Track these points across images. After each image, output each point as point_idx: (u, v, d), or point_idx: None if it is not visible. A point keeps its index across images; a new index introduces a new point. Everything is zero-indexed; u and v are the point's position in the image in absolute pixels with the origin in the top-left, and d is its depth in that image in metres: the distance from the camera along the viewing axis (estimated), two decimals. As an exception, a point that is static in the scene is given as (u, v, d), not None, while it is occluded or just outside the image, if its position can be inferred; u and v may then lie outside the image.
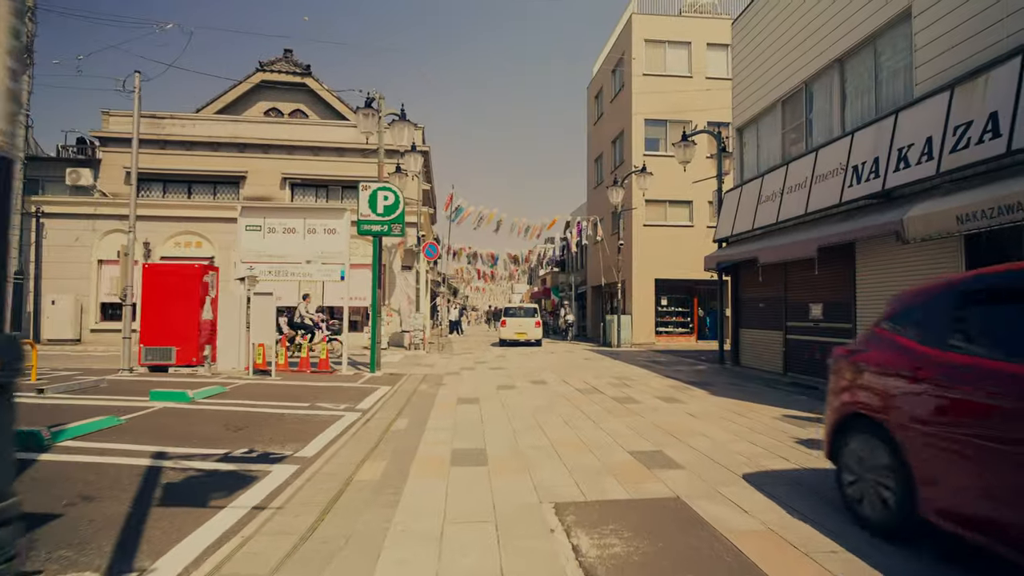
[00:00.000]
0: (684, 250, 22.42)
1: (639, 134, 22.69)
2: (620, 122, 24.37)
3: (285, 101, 21.99)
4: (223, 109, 21.33)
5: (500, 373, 12.14)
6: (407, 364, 13.98)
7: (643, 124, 22.69)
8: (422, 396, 8.85)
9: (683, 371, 12.75)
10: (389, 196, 11.97)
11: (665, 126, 22.85)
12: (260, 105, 21.96)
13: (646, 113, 22.69)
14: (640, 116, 22.67)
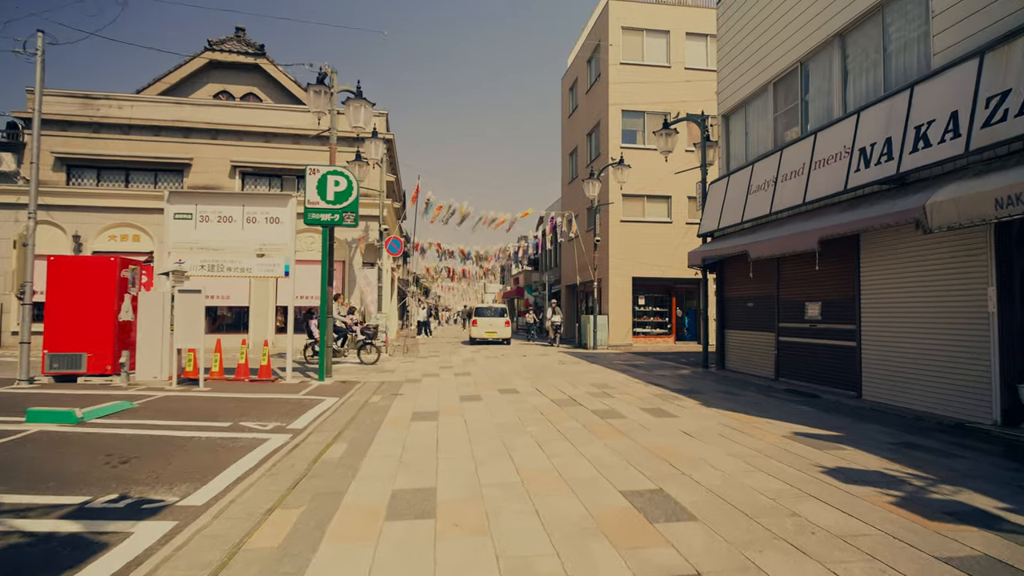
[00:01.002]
0: (663, 247, 21.51)
1: (616, 126, 21.69)
2: (596, 113, 23.35)
3: (237, 84, 20.33)
4: (167, 91, 19.57)
5: (466, 380, 10.90)
6: (364, 370, 12.63)
7: (620, 115, 21.69)
8: (372, 411, 7.56)
9: (667, 376, 11.70)
10: (341, 182, 10.62)
11: (643, 118, 21.89)
12: (209, 88, 20.25)
13: (623, 104, 21.70)
14: (617, 107, 21.67)
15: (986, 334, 6.75)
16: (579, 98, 26.19)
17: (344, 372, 12.12)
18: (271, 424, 6.63)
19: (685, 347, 21.30)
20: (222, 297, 17.53)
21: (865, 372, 8.60)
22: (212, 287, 17.43)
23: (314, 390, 9.39)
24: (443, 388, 9.77)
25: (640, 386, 10.06)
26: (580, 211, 24.56)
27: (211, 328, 18.43)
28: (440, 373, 12.08)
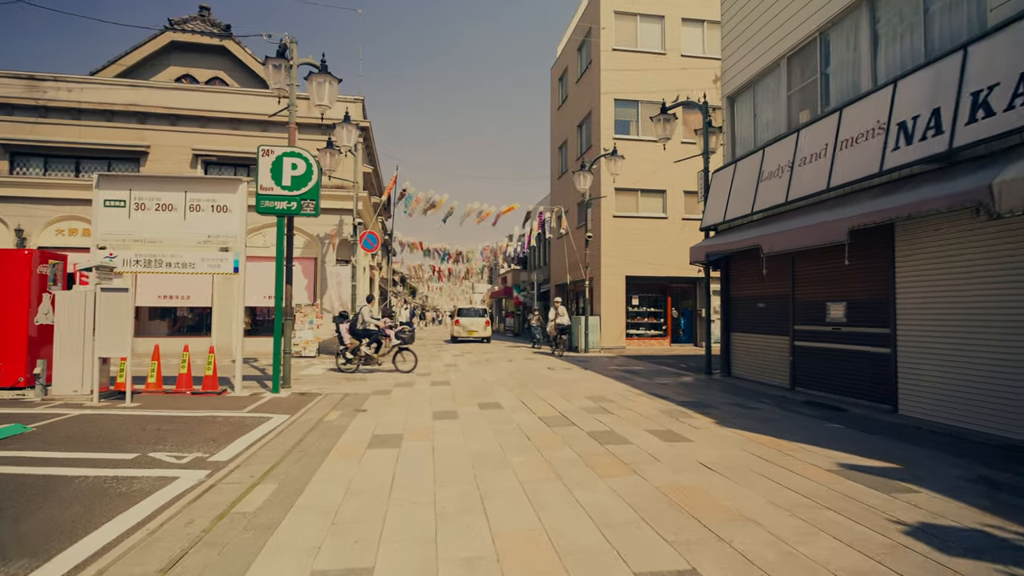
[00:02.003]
0: (657, 244, 20.36)
1: (608, 115, 20.49)
2: (587, 103, 22.15)
3: (201, 67, 18.86)
4: (124, 74, 18.06)
5: (442, 391, 9.62)
6: (330, 379, 11.30)
7: (612, 104, 20.50)
8: (323, 433, 6.26)
9: (669, 386, 10.50)
10: (299, 164, 9.30)
11: (636, 107, 20.72)
12: (171, 71, 18.76)
13: (616, 92, 20.51)
14: (609, 96, 20.47)
15: (1064, 341, 5.60)
16: (569, 88, 24.99)
17: (309, 382, 10.79)
18: (190, 455, 5.31)
19: (681, 350, 20.16)
20: (181, 297, 16.07)
21: (902, 383, 7.43)
22: (170, 286, 16.02)
23: (263, 405, 8.07)
24: (415, 401, 8.48)
25: (641, 398, 8.84)
26: (570, 207, 23.35)
27: (171, 330, 17.00)
28: (415, 382, 10.78)
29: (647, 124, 20.72)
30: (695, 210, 20.86)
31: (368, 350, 12.44)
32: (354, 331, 12.42)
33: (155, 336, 16.58)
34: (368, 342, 12.47)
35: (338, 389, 9.80)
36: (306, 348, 15.32)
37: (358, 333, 12.41)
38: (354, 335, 12.44)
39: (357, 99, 17.65)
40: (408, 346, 12.90)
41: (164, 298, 16.24)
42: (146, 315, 16.84)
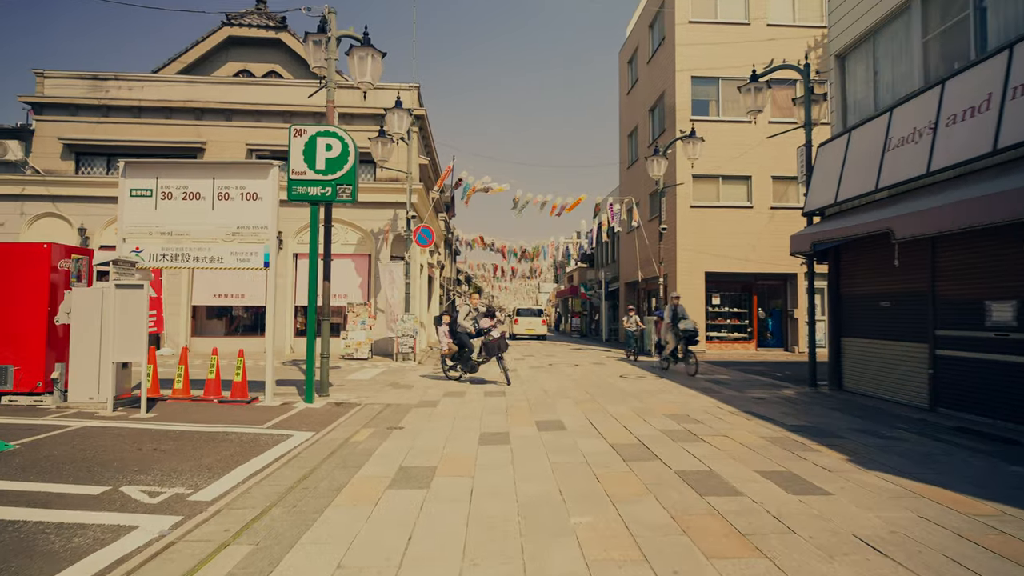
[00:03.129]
0: (741, 236, 18.25)
1: (684, 95, 18.57)
2: (660, 84, 20.28)
3: (258, 61, 18.56)
4: (184, 71, 17.99)
5: (496, 404, 8.30)
6: (376, 385, 10.25)
7: (689, 83, 18.57)
8: (341, 462, 5.07)
9: (767, 401, 8.71)
10: (334, 145, 8.25)
11: (716, 85, 18.68)
12: (229, 67, 18.57)
13: (693, 69, 18.56)
14: (685, 73, 18.55)
15: None
16: (639, 70, 23.14)
17: (352, 388, 9.79)
18: (170, 490, 4.24)
19: (769, 355, 17.95)
20: (235, 295, 15.67)
21: (1119, 411, 5.41)
22: (225, 284, 15.64)
23: (290, 419, 7.03)
24: (462, 417, 7.20)
25: (737, 419, 7.16)
26: (642, 198, 21.53)
27: (228, 330, 16.68)
28: (467, 391, 9.53)
29: (728, 104, 18.65)
30: (784, 197, 18.60)
31: (475, 357, 10.51)
32: (454, 334, 10.72)
33: (212, 336, 16.29)
34: (467, 350, 10.48)
35: (380, 398, 8.69)
36: (358, 350, 14.47)
37: (461, 338, 10.60)
38: (456, 339, 10.70)
39: (412, 86, 16.70)
40: (502, 352, 10.36)
41: (219, 297, 15.89)
42: (203, 315, 16.60)
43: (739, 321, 19.15)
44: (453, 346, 10.71)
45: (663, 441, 5.88)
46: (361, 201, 15.93)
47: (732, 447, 5.65)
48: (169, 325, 15.34)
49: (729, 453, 5.40)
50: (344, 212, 16.04)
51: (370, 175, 16.66)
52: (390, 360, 14.48)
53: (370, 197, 16.05)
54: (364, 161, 16.18)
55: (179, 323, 15.63)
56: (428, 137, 18.91)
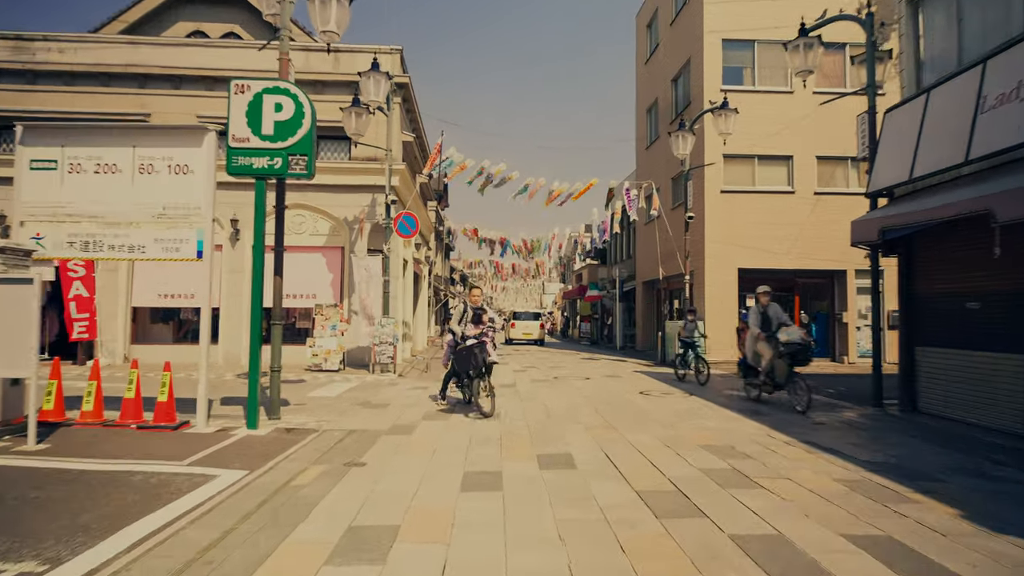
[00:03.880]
0: (780, 227, 17.31)
1: (714, 61, 17.64)
2: (685, 49, 19.35)
3: (213, 21, 17.65)
4: (125, 31, 17.10)
5: (487, 430, 7.37)
6: (343, 404, 9.34)
7: (720, 46, 17.64)
8: (270, 519, 4.14)
9: (828, 427, 7.78)
10: (286, 105, 7.34)
11: (752, 49, 17.75)
12: (179, 27, 17.67)
13: (724, 31, 17.63)
14: (715, 35, 17.62)
15: None
16: (661, 33, 22.22)
17: (314, 408, 8.89)
18: (13, 569, 3.31)
19: (814, 366, 16.94)
20: (183, 295, 14.73)
21: None
22: (169, 281, 14.70)
23: (222, 451, 6.11)
24: (444, 449, 6.27)
25: (795, 451, 6.22)
26: (663, 183, 20.58)
27: (176, 337, 15.77)
28: (451, 415, 8.59)
29: (766, 71, 17.72)
30: (832, 181, 17.67)
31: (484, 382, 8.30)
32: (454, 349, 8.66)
33: (158, 343, 15.40)
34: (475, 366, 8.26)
35: (344, 422, 7.77)
36: (328, 360, 13.54)
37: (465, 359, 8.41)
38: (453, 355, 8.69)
39: (394, 49, 15.78)
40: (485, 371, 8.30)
41: (165, 297, 15.00)
42: (146, 318, 15.71)
43: (777, 326, 18.19)
44: (453, 365, 8.74)
45: (706, 486, 4.94)
46: (333, 184, 15.08)
47: (800, 496, 4.70)
48: (105, 331, 14.42)
49: (799, 505, 4.46)
50: (313, 197, 15.14)
51: (344, 153, 15.75)
52: (366, 372, 13.56)
53: (344, 179, 15.15)
54: (337, 138, 15.30)
55: (117, 328, 14.73)
56: (414, 111, 17.99)
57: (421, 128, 19.66)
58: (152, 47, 15.65)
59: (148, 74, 15.38)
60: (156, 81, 15.45)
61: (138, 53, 15.59)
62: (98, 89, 15.41)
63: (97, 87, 15.42)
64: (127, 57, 15.53)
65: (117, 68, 15.33)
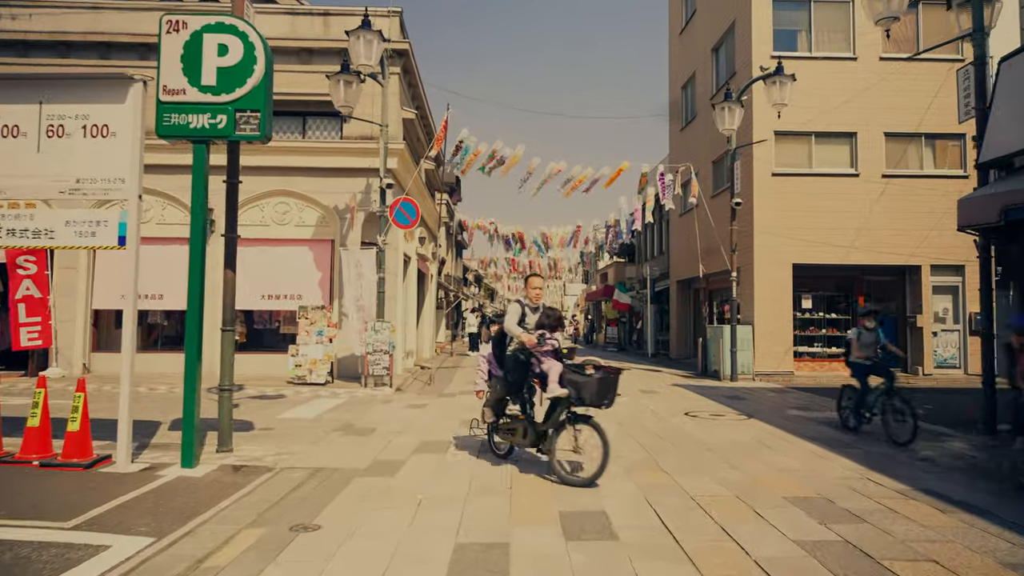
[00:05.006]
0: (841, 215, 15.72)
1: (764, 23, 16.09)
2: (728, 12, 17.83)
3: (191, -15, 16.50)
4: (91, -3, 15.99)
5: (496, 471, 5.98)
6: (318, 429, 7.99)
7: (769, 5, 16.08)
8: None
9: (938, 464, 6.29)
10: (233, 47, 6.02)
11: (808, 8, 16.18)
12: (152, -8, 16.54)
13: (775, -11, 16.10)
14: (765, -7, 16.09)
15: None
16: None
17: (282, 434, 7.55)
18: None
19: (884, 378, 15.34)
20: (151, 296, 13.50)
21: None
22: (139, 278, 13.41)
23: (135, 502, 4.79)
24: (432, 502, 4.89)
25: (922, 508, 4.74)
26: (701, 167, 19.04)
27: (146, 343, 14.58)
28: (448, 449, 7.21)
29: (825, 34, 16.17)
30: (903, 162, 16.06)
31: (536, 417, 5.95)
32: (501, 363, 6.15)
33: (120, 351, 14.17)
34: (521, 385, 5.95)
35: (311, 456, 6.43)
36: (313, 371, 12.24)
37: (509, 369, 5.99)
38: (501, 375, 6.12)
39: (392, 11, 14.47)
40: (590, 412, 5.57)
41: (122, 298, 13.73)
42: (109, 322, 14.56)
43: (837, 331, 16.56)
44: (499, 388, 6.12)
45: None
46: (322, 168, 13.81)
47: (968, 598, 3.24)
48: (61, 337, 13.29)
49: (977, 621, 2.99)
50: (298, 182, 13.87)
51: (334, 132, 14.46)
52: (358, 386, 12.24)
53: (334, 162, 13.85)
54: (327, 114, 14.04)
55: (75, 334, 13.57)
56: (416, 85, 16.66)
57: (426, 106, 18.33)
58: (117, 12, 14.53)
59: (112, 43, 14.25)
60: (121, 51, 14.30)
61: (101, 19, 14.47)
62: (56, 61, 14.29)
63: (55, 59, 14.30)
64: (89, 24, 14.42)
65: (77, 36, 14.21)
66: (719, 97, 14.55)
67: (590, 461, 5.46)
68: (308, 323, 12.53)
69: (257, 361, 13.95)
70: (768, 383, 14.21)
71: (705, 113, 19.53)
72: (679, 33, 23.01)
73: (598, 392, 5.39)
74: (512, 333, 5.87)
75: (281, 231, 13.95)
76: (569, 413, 5.49)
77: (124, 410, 5.86)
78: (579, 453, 5.52)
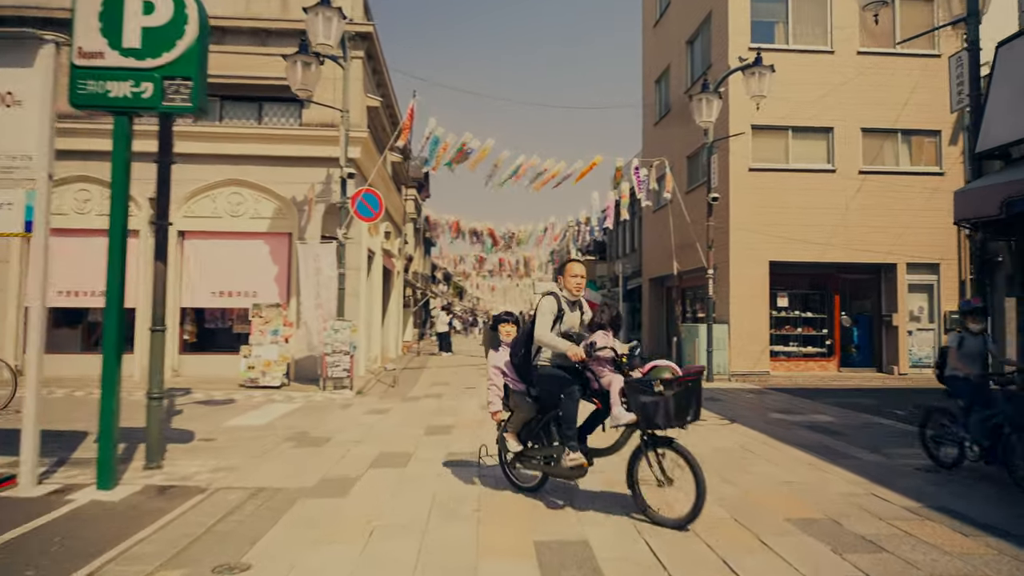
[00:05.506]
0: (818, 212, 15.41)
1: (741, 13, 15.70)
2: (704, 3, 17.41)
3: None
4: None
5: (461, 489, 5.32)
6: (267, 439, 7.23)
7: (747, -3, 15.69)
8: None
9: (948, 482, 5.78)
10: (160, 4, 5.27)
11: (785, 1, 15.82)
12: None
13: (752, -23, 15.71)
14: (742, -18, 15.68)
15: None
16: (672, -10, 20.27)
17: (224, 445, 6.77)
18: None
19: (857, 377, 15.11)
20: (90, 293, 12.49)
21: None
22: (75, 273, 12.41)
23: (26, 539, 4.02)
24: (387, 529, 4.22)
25: (941, 531, 4.22)
26: (676, 162, 18.59)
27: (87, 345, 13.54)
28: (416, 452, 6.54)
29: (803, 26, 15.86)
30: (879, 158, 15.85)
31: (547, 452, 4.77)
32: (523, 371, 4.82)
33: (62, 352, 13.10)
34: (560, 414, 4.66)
35: (255, 472, 5.70)
36: (266, 373, 11.42)
37: (541, 378, 4.72)
38: (526, 387, 4.86)
39: (354, -11, 13.66)
40: (669, 434, 4.29)
41: (67, 295, 12.74)
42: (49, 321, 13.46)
43: (814, 330, 16.26)
44: (524, 407, 4.86)
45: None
46: (279, 156, 12.96)
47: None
48: (-10, 336, 12.23)
49: None
50: (253, 171, 13.00)
51: (293, 119, 13.62)
52: (316, 388, 11.45)
53: (292, 150, 13.01)
54: (284, 99, 13.18)
55: (5, 334, 12.51)
56: (382, 71, 15.85)
57: (392, 95, 17.54)
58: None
59: (48, 18, 13.17)
60: (9, 24, 13.23)
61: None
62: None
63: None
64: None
65: (7, 11, 13.13)
66: (696, 88, 14.06)
67: (679, 494, 4.24)
68: (262, 322, 11.69)
69: (208, 362, 13.06)
70: (744, 384, 13.79)
71: (679, 107, 19.11)
72: (653, 26, 22.58)
73: (676, 411, 4.08)
74: (550, 345, 4.45)
75: (235, 223, 13.05)
76: (647, 436, 4.27)
77: (29, 422, 5.04)
78: (665, 485, 4.28)
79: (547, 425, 4.76)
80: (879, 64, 15.49)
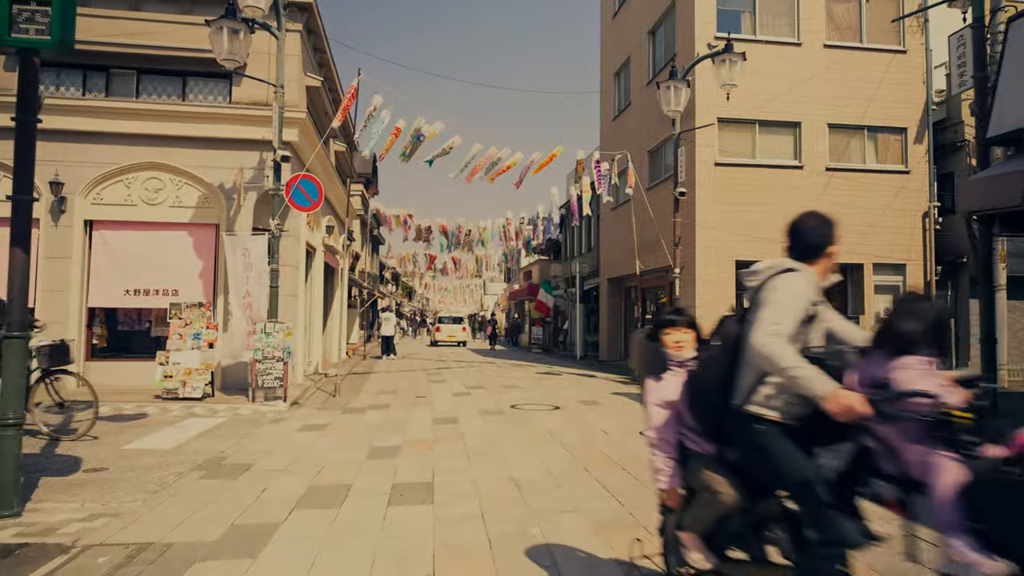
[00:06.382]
0: (785, 209, 14.66)
1: (706, 0, 14.96)
2: (667, -9, 16.65)
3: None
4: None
5: (414, 539, 4.20)
6: (173, 465, 5.93)
7: (714, -17, 14.97)
8: None
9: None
10: (8, -97, 3.93)
11: (752, -11, 15.18)
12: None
13: (718, -35, 15.01)
14: (708, -32, 14.96)
15: None
16: (633, -21, 19.49)
17: (109, 480, 5.44)
18: None
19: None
20: (-21, 291, 10.78)
21: None
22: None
23: None
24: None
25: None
26: (637, 157, 17.78)
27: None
28: (355, 483, 5.36)
29: (770, 18, 15.25)
30: (846, 155, 15.38)
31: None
32: (702, 413, 2.71)
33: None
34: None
35: (141, 519, 4.45)
36: (187, 383, 9.98)
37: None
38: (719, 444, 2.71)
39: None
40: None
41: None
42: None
43: (778, 333, 15.69)
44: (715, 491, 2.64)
45: None
46: (205, 138, 11.50)
47: None
48: None
49: None
50: (175, 154, 11.50)
51: (222, 96, 12.15)
52: (244, 400, 10.09)
53: (220, 131, 11.56)
54: (213, 75, 11.76)
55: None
56: (324, 50, 14.50)
57: (335, 77, 16.17)
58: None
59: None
60: None
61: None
62: None
63: None
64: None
65: None
66: (664, 75, 13.24)
67: None
68: (182, 324, 10.24)
69: (121, 370, 11.49)
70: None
71: (640, 100, 18.35)
72: (612, 17, 21.77)
73: None
74: (792, 374, 2.25)
75: (153, 212, 11.51)
76: None
77: None
78: None
79: (766, 523, 2.63)
80: (845, 59, 15.00)
